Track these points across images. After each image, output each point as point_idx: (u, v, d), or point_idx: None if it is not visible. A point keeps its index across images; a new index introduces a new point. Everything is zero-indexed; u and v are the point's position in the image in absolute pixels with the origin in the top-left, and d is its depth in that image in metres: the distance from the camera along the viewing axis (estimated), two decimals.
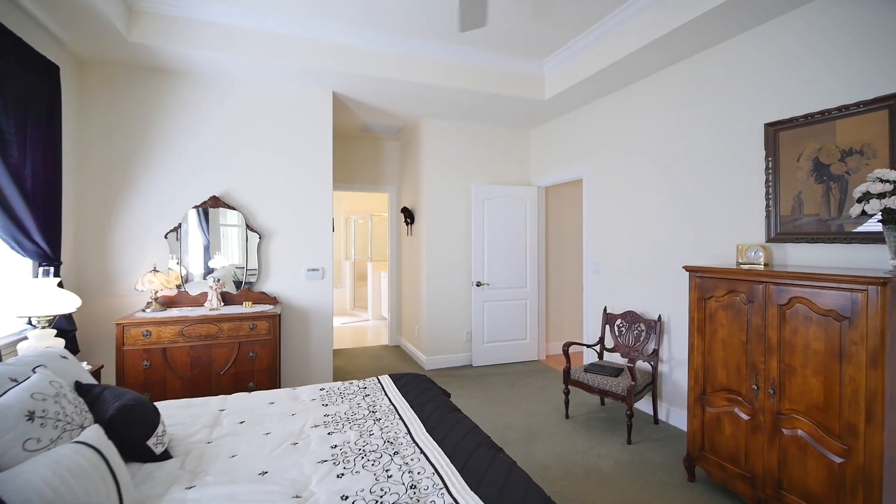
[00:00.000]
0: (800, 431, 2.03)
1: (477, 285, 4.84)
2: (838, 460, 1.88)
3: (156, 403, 1.99)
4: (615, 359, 3.86)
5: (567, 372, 3.43)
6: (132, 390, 1.61)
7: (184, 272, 3.48)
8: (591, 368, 3.36)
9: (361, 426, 1.70)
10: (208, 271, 3.55)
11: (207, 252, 3.55)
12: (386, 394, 2.05)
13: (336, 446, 1.54)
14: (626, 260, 3.81)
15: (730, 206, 2.94)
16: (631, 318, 3.60)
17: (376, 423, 1.73)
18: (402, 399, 1.95)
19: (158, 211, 3.44)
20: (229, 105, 3.61)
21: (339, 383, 2.21)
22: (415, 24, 3.37)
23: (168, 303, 3.42)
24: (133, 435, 1.43)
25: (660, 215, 3.46)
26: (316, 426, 1.71)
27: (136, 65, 3.35)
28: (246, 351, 3.17)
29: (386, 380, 2.24)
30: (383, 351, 5.63)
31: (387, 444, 1.55)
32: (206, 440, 1.59)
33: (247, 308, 3.36)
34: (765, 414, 2.17)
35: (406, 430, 1.65)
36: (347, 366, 4.94)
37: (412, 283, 5.31)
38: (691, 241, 3.20)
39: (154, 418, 1.50)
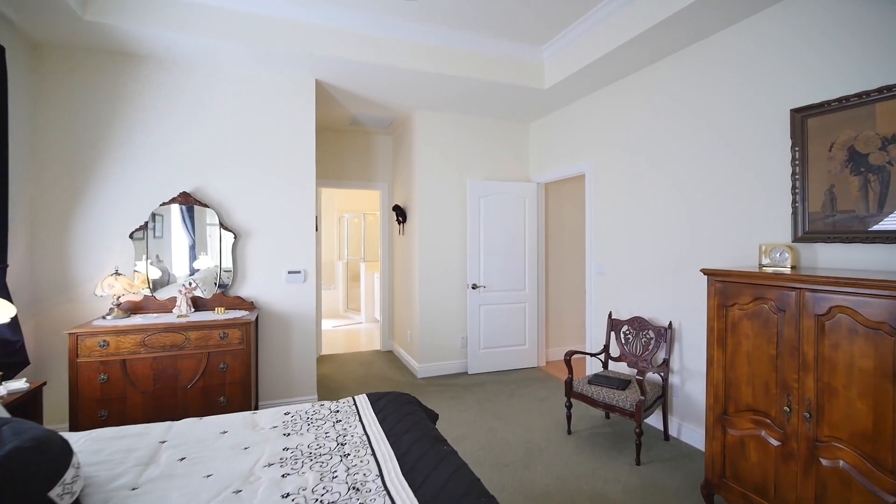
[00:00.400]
0: (842, 462, 1.74)
1: (472, 288, 4.55)
2: (892, 500, 1.59)
3: (88, 433, 1.71)
4: (621, 368, 3.57)
5: (569, 384, 3.14)
6: (40, 425, 1.32)
7: (158, 275, 3.19)
8: (595, 380, 3.06)
9: (324, 465, 1.40)
10: (192, 272, 3.27)
11: (192, 252, 3.26)
12: (360, 419, 1.76)
13: (288, 495, 1.24)
14: (632, 261, 3.52)
15: (750, 201, 2.65)
16: (638, 324, 3.31)
17: (343, 459, 1.44)
18: (378, 427, 1.66)
19: (123, 208, 3.14)
20: (202, 94, 3.32)
21: (307, 406, 1.92)
22: (403, 5, 3.07)
23: (134, 309, 3.13)
24: (30, 485, 1.14)
25: (670, 213, 3.17)
26: (270, 465, 1.42)
27: (97, 48, 3.05)
28: (216, 362, 2.88)
29: (362, 401, 1.94)
30: (375, 357, 5.34)
31: (351, 491, 1.26)
32: (132, 485, 1.31)
33: (218, 315, 3.07)
34: (799, 440, 1.88)
35: (377, 472, 1.36)
36: (335, 373, 4.65)
37: (404, 285, 5.02)
38: (706, 240, 2.91)
39: (61, 461, 1.21)
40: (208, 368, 2.87)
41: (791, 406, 1.90)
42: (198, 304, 3.26)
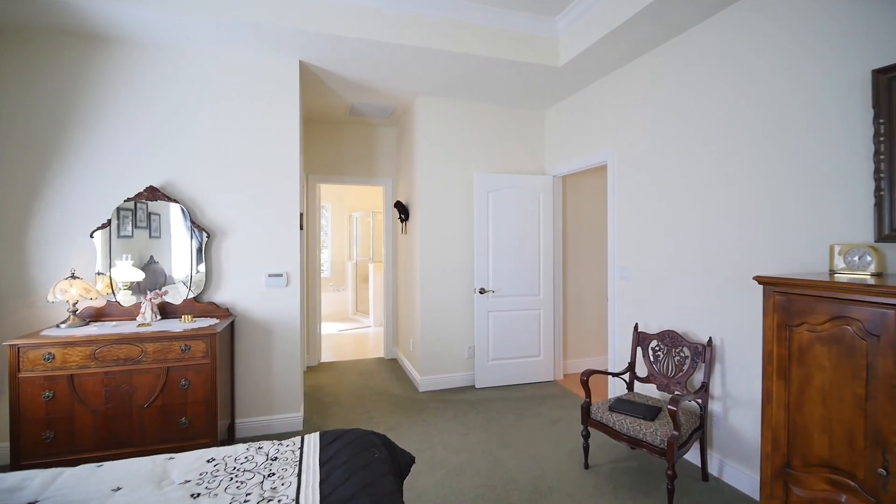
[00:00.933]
0: None
1: (480, 292, 4.09)
2: None
3: None
4: (650, 391, 3.05)
5: (587, 410, 2.65)
6: None
7: (125, 277, 2.87)
8: (618, 406, 2.57)
9: None
10: (155, 276, 2.96)
11: (157, 253, 2.94)
12: (299, 474, 1.35)
13: None
14: (663, 264, 2.99)
15: (815, 190, 2.10)
16: (670, 339, 2.78)
17: None
18: (316, 488, 1.24)
19: (88, 204, 2.84)
20: (171, 79, 2.99)
21: (243, 448, 1.53)
22: None
23: (97, 315, 2.83)
24: None
25: (711, 206, 2.64)
26: None
27: (56, 28, 2.76)
28: (176, 378, 2.54)
29: (311, 444, 1.53)
30: (377, 366, 4.95)
31: None
32: None
33: (184, 323, 2.73)
34: None
35: None
36: (331, 384, 4.28)
37: (407, 288, 4.61)
38: (757, 239, 2.37)
39: None
40: (168, 385, 2.52)
41: (889, 468, 1.38)
42: (167, 310, 2.94)
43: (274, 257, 3.20)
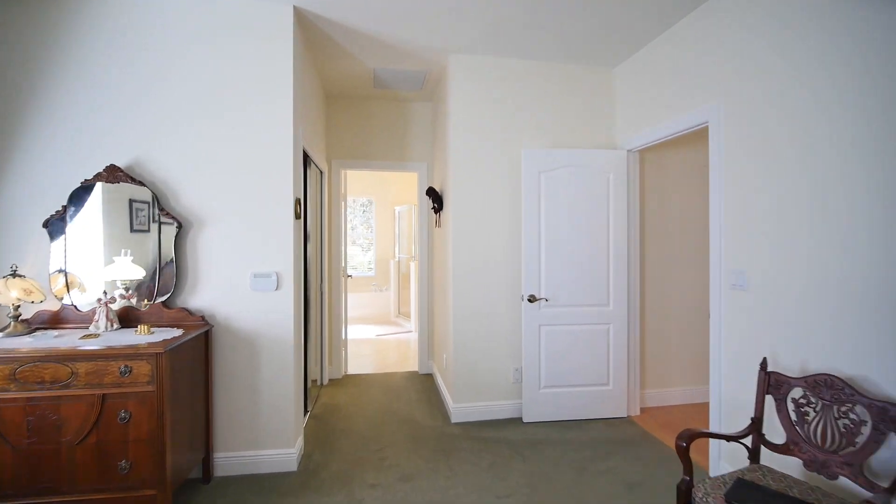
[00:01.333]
0: None
1: (530, 301, 3.20)
2: None
3: None
4: (789, 465, 2.00)
5: (686, 494, 1.69)
6: None
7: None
8: (739, 494, 1.59)
9: None
10: (118, 275, 2.43)
11: (115, 248, 2.41)
12: None
13: None
14: (804, 267, 1.93)
15: None
16: (829, 388, 1.73)
17: None
18: None
19: (40, 189, 2.38)
20: (139, 36, 2.45)
21: None
22: None
23: (52, 321, 2.35)
24: None
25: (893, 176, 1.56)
26: None
27: None
28: (114, 409, 1.95)
29: None
30: (408, 382, 4.22)
31: None
32: None
33: (141, 336, 2.15)
34: None
35: None
36: (349, 405, 3.61)
37: (442, 291, 3.84)
38: None
39: None
40: (104, 417, 1.95)
41: None
42: (130, 317, 2.40)
43: (262, 253, 2.56)
